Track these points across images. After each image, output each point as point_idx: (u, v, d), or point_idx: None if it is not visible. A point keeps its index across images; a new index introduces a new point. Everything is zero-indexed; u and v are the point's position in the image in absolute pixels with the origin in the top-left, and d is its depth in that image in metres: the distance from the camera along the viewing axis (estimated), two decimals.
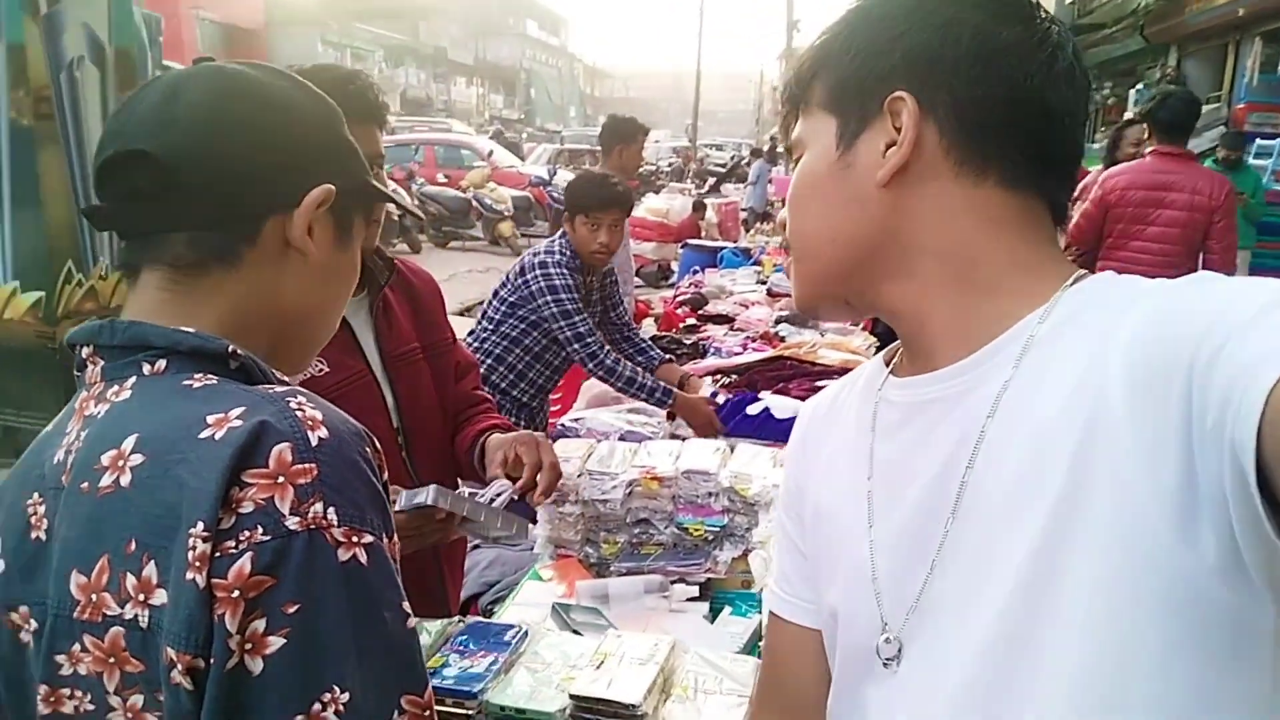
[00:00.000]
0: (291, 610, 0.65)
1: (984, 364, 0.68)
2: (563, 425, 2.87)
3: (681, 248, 8.73)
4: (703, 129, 39.07)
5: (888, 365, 0.80)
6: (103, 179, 0.77)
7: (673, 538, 1.98)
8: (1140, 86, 11.93)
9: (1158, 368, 0.56)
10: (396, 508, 1.41)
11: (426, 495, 1.42)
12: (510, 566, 2.42)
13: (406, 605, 0.72)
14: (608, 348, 3.05)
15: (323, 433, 0.69)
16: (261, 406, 0.70)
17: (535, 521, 1.93)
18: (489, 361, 3.11)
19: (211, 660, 0.64)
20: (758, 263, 6.26)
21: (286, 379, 0.80)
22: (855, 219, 0.72)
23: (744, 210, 13.40)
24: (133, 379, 0.75)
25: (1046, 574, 0.61)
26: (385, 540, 0.71)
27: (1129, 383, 0.58)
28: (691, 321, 4.57)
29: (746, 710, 1.24)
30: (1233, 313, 0.53)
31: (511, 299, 3.10)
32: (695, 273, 6.24)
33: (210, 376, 0.74)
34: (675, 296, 5.31)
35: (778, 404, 2.77)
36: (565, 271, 3.02)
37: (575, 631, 1.57)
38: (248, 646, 0.64)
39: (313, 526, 0.66)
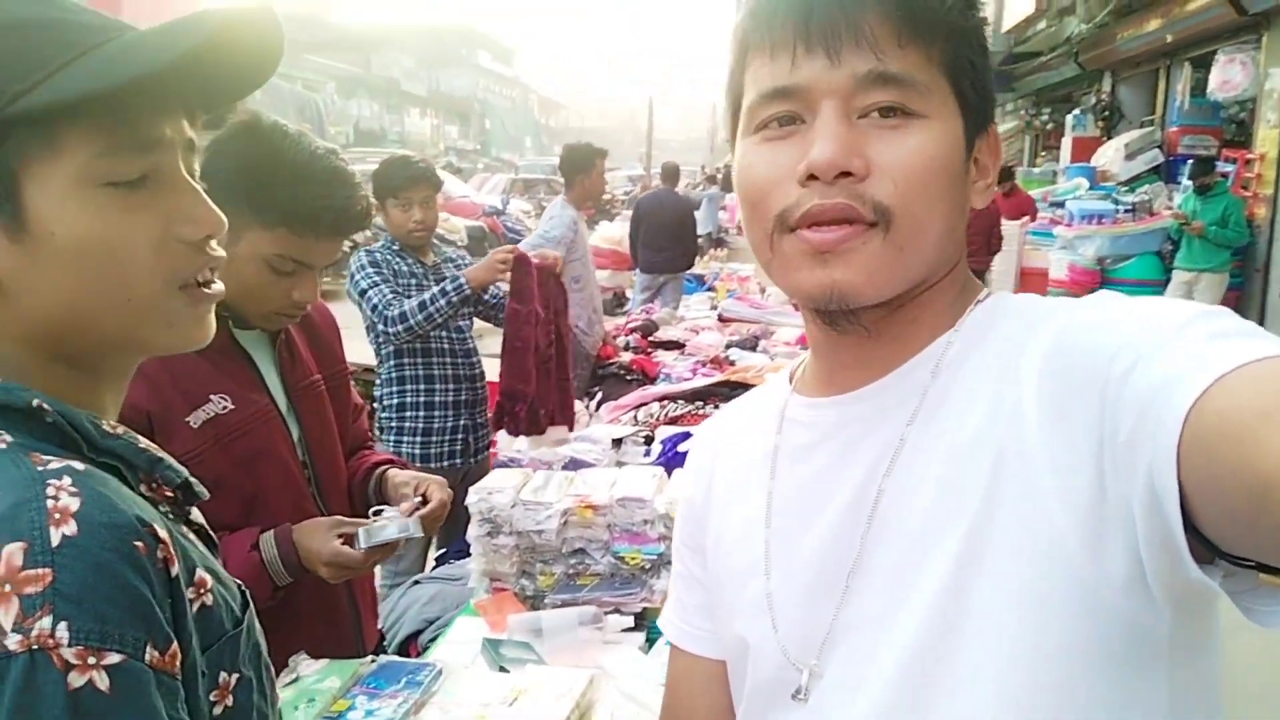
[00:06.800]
0: None
1: (897, 386, 0.67)
2: (507, 458, 2.83)
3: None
4: (657, 157, 39.34)
5: (790, 383, 0.77)
6: None
7: (609, 567, 1.94)
8: (1077, 111, 12.27)
9: (1071, 385, 0.56)
10: (361, 546, 1.38)
11: (391, 529, 1.39)
12: (451, 602, 2.36)
13: None
14: (399, 305, 2.85)
15: (69, 528, 0.58)
16: (7, 493, 0.59)
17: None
18: (394, 388, 3.04)
19: None
20: (711, 288, 6.28)
21: (115, 429, 0.69)
22: (957, 227, 0.67)
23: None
24: None
25: (962, 591, 0.60)
26: (153, 654, 0.60)
27: (1042, 400, 0.58)
28: (627, 357, 4.42)
29: None
30: (1146, 332, 0.53)
31: (368, 324, 3.01)
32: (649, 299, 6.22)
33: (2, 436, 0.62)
34: (626, 323, 5.29)
35: None
36: (372, 262, 2.94)
37: (503, 669, 1.53)
38: None
39: (35, 646, 0.55)
